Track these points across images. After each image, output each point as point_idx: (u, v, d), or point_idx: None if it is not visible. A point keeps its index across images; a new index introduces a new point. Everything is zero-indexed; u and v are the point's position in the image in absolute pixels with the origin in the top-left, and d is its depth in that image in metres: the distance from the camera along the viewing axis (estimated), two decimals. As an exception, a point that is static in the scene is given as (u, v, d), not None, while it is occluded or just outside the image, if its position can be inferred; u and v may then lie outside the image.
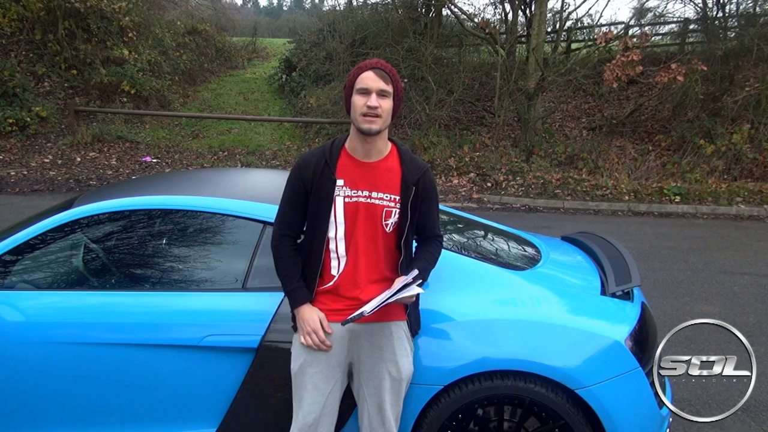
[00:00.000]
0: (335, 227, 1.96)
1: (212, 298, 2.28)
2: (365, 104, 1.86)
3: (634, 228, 7.69)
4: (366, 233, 1.97)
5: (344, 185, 1.95)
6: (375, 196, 1.96)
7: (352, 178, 1.96)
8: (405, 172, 1.98)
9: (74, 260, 2.52)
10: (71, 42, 12.03)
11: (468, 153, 10.75)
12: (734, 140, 9.84)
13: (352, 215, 1.96)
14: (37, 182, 9.18)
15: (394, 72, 1.94)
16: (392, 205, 1.97)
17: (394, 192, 1.97)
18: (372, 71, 1.88)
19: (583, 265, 2.80)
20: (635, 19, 14.09)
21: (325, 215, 1.95)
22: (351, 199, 1.95)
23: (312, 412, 1.97)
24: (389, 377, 1.98)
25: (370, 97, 1.86)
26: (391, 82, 1.90)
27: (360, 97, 1.88)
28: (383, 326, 1.99)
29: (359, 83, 1.88)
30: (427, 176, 2.02)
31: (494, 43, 11.29)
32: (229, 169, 4.32)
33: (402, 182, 1.97)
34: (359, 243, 1.97)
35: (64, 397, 2.27)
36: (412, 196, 1.97)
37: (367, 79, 1.87)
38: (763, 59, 10.38)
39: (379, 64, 1.91)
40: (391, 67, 1.94)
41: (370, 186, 1.96)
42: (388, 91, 1.89)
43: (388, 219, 1.97)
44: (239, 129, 12.62)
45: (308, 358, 1.99)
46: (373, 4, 13.86)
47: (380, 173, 1.97)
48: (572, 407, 2.14)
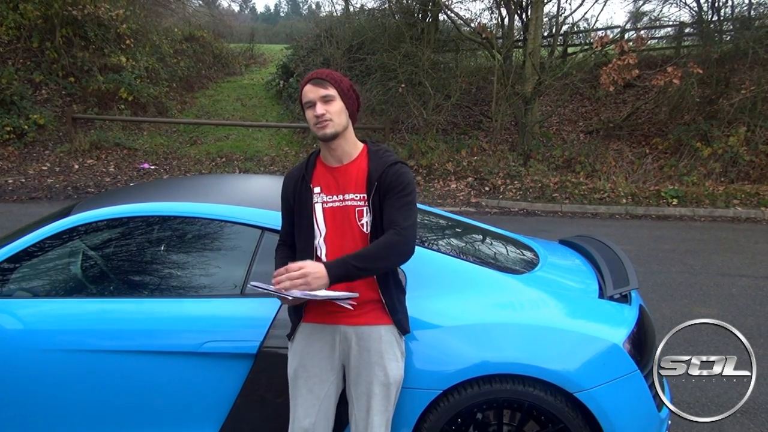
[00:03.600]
0: (319, 233, 1.99)
1: (211, 304, 2.28)
2: (314, 115, 1.92)
3: (631, 231, 7.71)
4: (346, 236, 1.98)
5: (321, 192, 2.00)
6: (347, 197, 1.98)
7: (327, 184, 2.00)
8: (370, 168, 1.99)
9: (72, 267, 2.52)
10: (69, 49, 12.05)
11: (466, 157, 10.77)
12: (731, 143, 9.87)
13: (332, 220, 1.98)
14: (35, 190, 9.18)
15: (334, 74, 1.97)
16: (362, 204, 1.97)
17: (361, 191, 1.98)
18: (309, 84, 1.94)
19: (581, 268, 2.81)
20: (631, 22, 14.17)
21: (309, 223, 1.99)
22: (327, 204, 1.99)
23: (307, 416, 1.97)
24: (377, 382, 1.97)
25: (315, 107, 1.92)
26: (330, 85, 1.93)
27: (308, 111, 1.94)
28: (372, 330, 1.98)
29: (303, 99, 1.95)
30: (392, 170, 1.96)
31: (491, 48, 11.33)
32: (227, 175, 4.33)
33: (367, 179, 1.98)
34: (342, 247, 1.97)
35: (62, 405, 2.26)
36: (374, 191, 1.96)
37: (307, 93, 1.94)
38: (758, 62, 10.43)
39: (316, 74, 1.96)
40: (329, 72, 1.97)
41: (342, 189, 1.99)
42: (331, 94, 1.92)
43: (362, 218, 1.97)
44: (237, 135, 12.63)
45: (302, 362, 1.99)
46: (369, 9, 13.92)
47: (350, 175, 1.99)
48: (571, 410, 2.14)
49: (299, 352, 2.00)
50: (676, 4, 16.04)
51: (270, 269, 2.05)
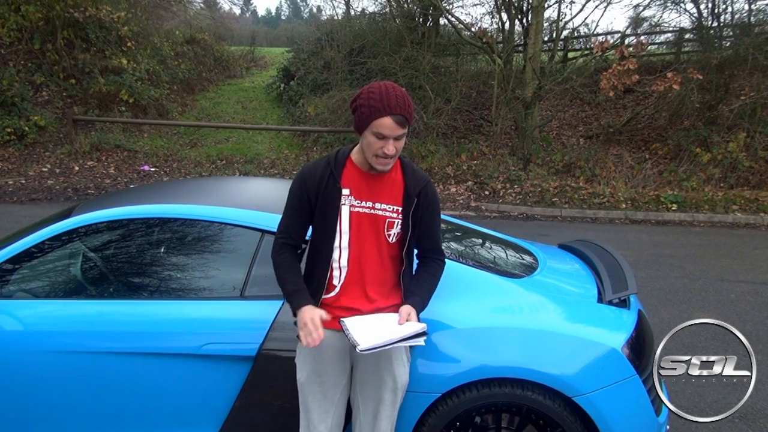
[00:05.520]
0: (340, 236, 1.96)
1: (211, 306, 2.29)
2: (381, 149, 1.84)
3: (631, 236, 7.71)
4: (370, 243, 1.98)
5: (350, 194, 1.96)
6: (378, 207, 1.97)
7: (358, 188, 1.97)
8: (408, 183, 1.98)
9: (72, 269, 2.52)
10: (70, 51, 12.06)
11: (466, 161, 10.78)
12: (730, 148, 9.88)
13: (357, 225, 1.96)
14: (35, 191, 9.18)
15: (411, 108, 1.86)
16: (394, 216, 1.98)
17: (396, 203, 1.98)
18: (390, 118, 1.80)
19: (580, 273, 2.81)
20: (631, 28, 14.21)
21: (332, 224, 1.95)
22: (355, 208, 1.96)
23: (322, 421, 1.96)
24: (386, 388, 1.97)
25: (387, 144, 1.83)
26: (408, 123, 1.85)
27: (375, 140, 1.84)
28: None
29: (376, 127, 1.82)
30: (429, 188, 2.02)
31: (491, 52, 11.35)
32: (227, 177, 4.34)
33: (404, 193, 1.98)
34: (363, 253, 1.97)
35: (62, 406, 2.26)
36: (413, 207, 1.98)
37: (385, 128, 1.81)
38: (758, 68, 10.45)
39: (398, 108, 1.81)
40: (409, 105, 1.85)
41: (373, 197, 1.97)
42: (405, 132, 1.86)
43: (391, 230, 1.98)
44: (237, 138, 12.65)
45: (315, 368, 1.98)
46: (370, 13, 13.97)
47: (384, 184, 1.98)
48: (569, 415, 2.14)
49: (312, 357, 1.99)
50: (677, 10, 16.11)
51: (270, 271, 2.06)
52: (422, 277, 2.05)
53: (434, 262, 2.09)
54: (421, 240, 2.06)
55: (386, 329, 1.86)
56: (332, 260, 1.98)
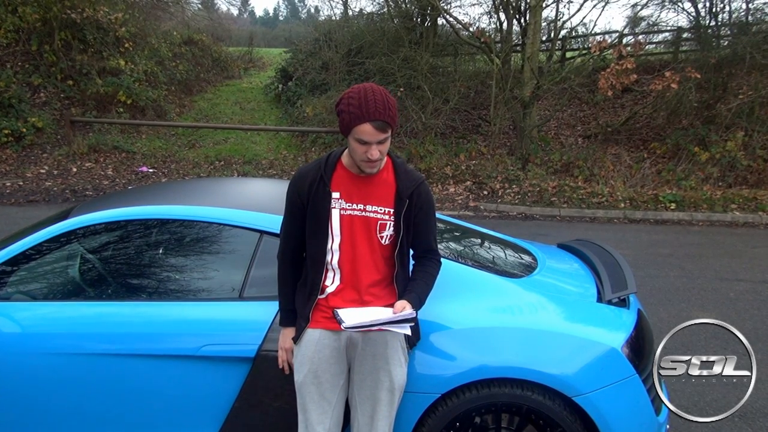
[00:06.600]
0: (332, 239, 1.97)
1: (209, 307, 2.28)
2: (365, 153, 1.83)
3: (629, 235, 7.71)
4: (362, 245, 1.98)
5: (340, 198, 1.96)
6: (369, 209, 1.97)
7: (348, 190, 1.97)
8: (399, 184, 1.98)
9: (70, 271, 2.51)
10: (67, 53, 12.05)
11: (464, 161, 10.78)
12: (728, 147, 9.89)
13: (349, 227, 1.96)
14: (33, 193, 9.17)
15: (393, 111, 1.82)
16: (386, 218, 1.97)
17: (388, 205, 1.98)
18: (370, 125, 1.79)
19: (579, 272, 2.81)
20: (629, 27, 14.19)
21: (323, 228, 1.96)
22: (346, 211, 1.96)
23: (321, 423, 1.96)
24: (382, 388, 1.97)
25: (371, 149, 1.82)
26: (390, 126, 1.83)
27: (359, 145, 1.84)
28: (379, 335, 1.98)
29: (357, 134, 1.81)
30: (422, 189, 2.01)
31: (489, 52, 11.35)
32: (225, 178, 4.33)
33: (396, 195, 1.97)
34: (356, 255, 1.97)
35: (60, 408, 2.26)
36: (405, 208, 1.97)
37: (366, 134, 1.80)
38: (756, 67, 10.46)
39: (377, 113, 1.78)
40: (390, 110, 1.81)
41: (364, 199, 1.97)
42: (388, 136, 1.85)
43: (383, 231, 1.98)
44: (236, 138, 12.63)
45: (312, 368, 1.97)
46: (368, 13, 13.97)
47: (375, 186, 1.98)
48: (569, 415, 2.14)
49: (309, 358, 1.98)
50: (674, 10, 16.09)
51: (269, 272, 2.06)
52: (418, 276, 2.05)
53: (430, 262, 2.09)
54: (417, 240, 2.06)
55: (375, 314, 1.89)
56: (325, 263, 1.98)
